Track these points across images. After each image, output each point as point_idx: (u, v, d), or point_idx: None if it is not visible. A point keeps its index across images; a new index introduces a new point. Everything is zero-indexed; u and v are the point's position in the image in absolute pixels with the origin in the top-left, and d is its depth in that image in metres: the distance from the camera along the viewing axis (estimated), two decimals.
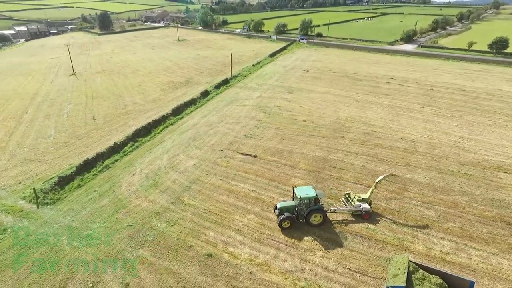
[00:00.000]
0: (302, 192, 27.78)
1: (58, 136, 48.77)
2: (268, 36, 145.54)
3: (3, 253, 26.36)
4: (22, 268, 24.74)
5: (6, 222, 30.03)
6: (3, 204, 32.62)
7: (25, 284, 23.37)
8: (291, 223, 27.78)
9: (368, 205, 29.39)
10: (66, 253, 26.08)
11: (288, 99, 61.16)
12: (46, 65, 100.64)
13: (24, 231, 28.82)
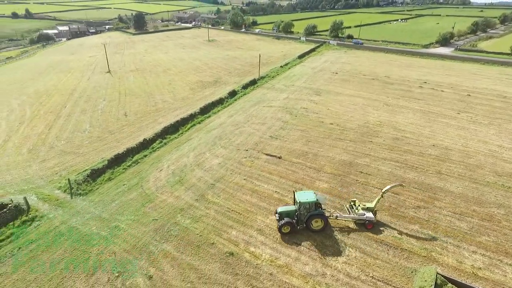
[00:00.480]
0: (302, 197, 27.08)
1: (92, 130, 51.18)
2: (297, 38, 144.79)
3: (40, 238, 28.06)
4: (56, 254, 26.20)
5: (43, 209, 31.92)
6: (41, 192, 34.72)
7: (58, 268, 24.73)
8: (291, 229, 27.15)
9: (373, 214, 28.17)
10: (95, 242, 27.31)
11: (316, 101, 60.50)
12: (84, 63, 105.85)
13: (59, 219, 30.51)
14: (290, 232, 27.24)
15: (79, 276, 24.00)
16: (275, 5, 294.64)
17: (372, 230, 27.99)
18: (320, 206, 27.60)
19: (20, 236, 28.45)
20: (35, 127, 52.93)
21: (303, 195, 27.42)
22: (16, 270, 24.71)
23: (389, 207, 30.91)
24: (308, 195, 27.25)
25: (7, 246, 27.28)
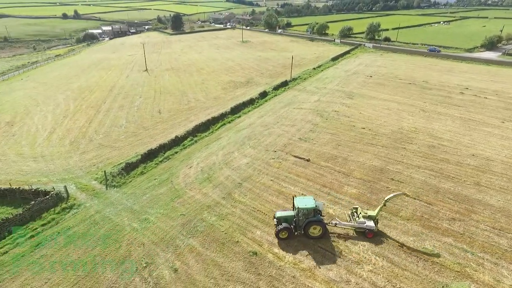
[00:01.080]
0: (301, 203, 26.44)
1: (128, 126, 53.58)
2: (331, 40, 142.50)
3: (77, 225, 29.86)
4: (90, 241, 27.74)
5: (80, 198, 33.93)
6: (79, 182, 36.92)
7: (91, 255, 26.17)
8: (289, 234, 26.67)
9: (374, 223, 27.11)
10: (126, 232, 28.58)
11: (348, 105, 59.23)
12: (124, 61, 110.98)
13: (94, 208, 32.28)
14: (288, 237, 26.78)
15: (110, 264, 25.24)
16: (311, 6, 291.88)
17: (402, 241, 26.92)
18: (320, 212, 27.01)
19: (59, 222, 30.45)
20: (77, 120, 56.35)
21: (302, 200, 26.84)
22: (55, 254, 26.45)
23: (421, 217, 29.60)
24: (307, 201, 26.64)
25: (48, 230, 29.29)
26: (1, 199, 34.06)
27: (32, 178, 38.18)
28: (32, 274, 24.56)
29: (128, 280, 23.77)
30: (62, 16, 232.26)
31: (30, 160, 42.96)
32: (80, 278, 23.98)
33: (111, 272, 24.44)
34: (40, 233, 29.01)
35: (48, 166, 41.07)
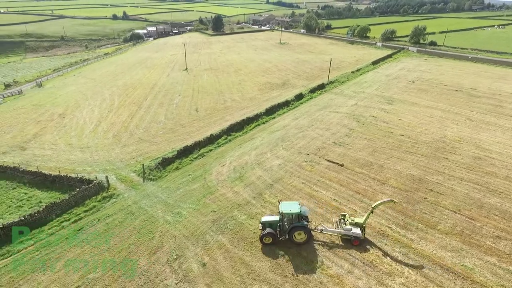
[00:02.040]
0: (285, 208, 25.93)
1: (167, 122, 55.75)
2: (373, 43, 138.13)
3: (115, 214, 31.63)
4: (126, 230, 29.26)
5: (119, 189, 35.89)
6: (119, 173, 39.06)
7: (127, 243, 27.59)
8: (273, 240, 26.16)
9: (361, 230, 26.15)
10: (160, 224, 29.77)
11: (387, 110, 57.11)
12: (166, 60, 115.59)
13: (131, 199, 33.98)
14: (272, 243, 26.33)
15: (143, 253, 26.44)
16: (352, 8, 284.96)
17: (439, 256, 25.48)
18: (306, 218, 26.54)
19: (100, 209, 32.45)
20: (120, 115, 59.64)
21: (287, 206, 26.29)
22: (94, 239, 28.23)
23: (462, 232, 27.82)
24: (292, 206, 26.10)
25: (89, 217, 31.34)
26: (51, 185, 37.04)
27: (78, 167, 41.03)
28: (74, 255, 26.40)
29: (159, 270, 24.75)
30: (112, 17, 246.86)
31: (77, 150, 46.18)
32: (115, 264, 25.37)
33: (144, 261, 25.60)
34: (83, 218, 31.11)
35: (93, 157, 43.89)
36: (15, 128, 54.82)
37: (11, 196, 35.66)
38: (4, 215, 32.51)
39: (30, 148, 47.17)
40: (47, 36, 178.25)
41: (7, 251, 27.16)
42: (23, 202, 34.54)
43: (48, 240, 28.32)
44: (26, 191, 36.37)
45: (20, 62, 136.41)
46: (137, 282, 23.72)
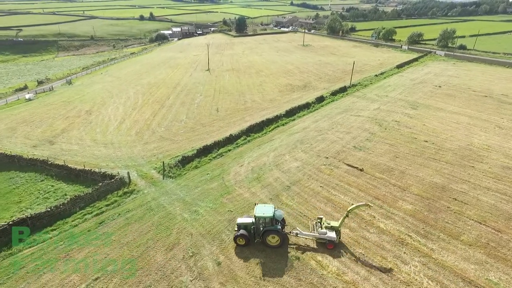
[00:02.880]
0: (259, 211, 26.02)
1: (188, 121, 56.70)
2: (398, 46, 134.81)
3: (134, 209, 32.49)
4: (145, 225, 29.98)
5: (140, 185, 36.83)
6: (140, 170, 40.09)
7: (145, 238, 28.26)
8: (246, 241, 26.37)
9: (336, 234, 26.02)
10: (177, 221, 30.30)
11: (410, 115, 55.54)
12: (189, 60, 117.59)
13: (151, 195, 34.79)
14: (246, 244, 26.51)
15: (160, 249, 27.00)
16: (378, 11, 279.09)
17: (461, 268, 24.50)
18: (282, 222, 26.80)
19: (120, 204, 33.43)
20: (143, 113, 61.21)
21: (262, 208, 26.33)
22: (114, 233, 29.11)
23: (487, 244, 26.62)
24: (266, 210, 26.13)
25: (110, 211, 32.34)
26: (76, 178, 38.55)
27: (101, 162, 42.46)
28: (95, 247, 27.34)
29: (175, 266, 25.19)
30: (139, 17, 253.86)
31: (101, 146, 47.81)
32: (133, 258, 26.04)
33: (161, 256, 26.13)
34: (104, 212, 32.15)
35: (116, 153, 45.29)
36: (45, 123, 57.43)
37: (39, 188, 37.40)
38: (32, 206, 34.12)
39: (58, 143, 49.27)
40: (78, 36, 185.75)
41: (33, 239, 28.48)
42: (50, 194, 36.15)
43: (71, 232, 29.47)
44: (53, 184, 38.04)
45: (52, 60, 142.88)
46: (153, 277, 24.25)
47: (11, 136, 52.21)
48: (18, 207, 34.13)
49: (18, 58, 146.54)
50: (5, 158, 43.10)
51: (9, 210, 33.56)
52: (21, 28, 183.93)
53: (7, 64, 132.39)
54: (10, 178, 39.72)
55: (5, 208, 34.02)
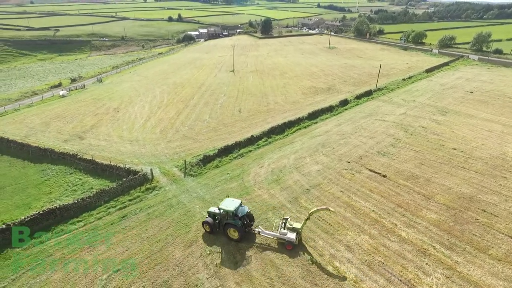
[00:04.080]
0: (224, 204, 27.34)
1: (210, 121, 57.51)
2: (428, 49, 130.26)
3: (155, 205, 33.34)
4: (165, 221, 30.68)
5: (162, 182, 37.75)
6: (163, 167, 41.08)
7: (164, 234, 28.93)
8: (211, 229, 28.18)
9: (296, 236, 26.23)
10: (196, 219, 30.77)
11: (438, 121, 53.50)
12: (214, 61, 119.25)
13: (172, 193, 35.56)
14: (210, 232, 28.38)
15: (178, 245, 27.53)
16: (408, 13, 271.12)
17: (488, 283, 23.29)
18: (248, 218, 27.76)
19: (143, 199, 34.42)
20: (168, 112, 62.72)
21: (228, 202, 27.55)
22: (136, 227, 30.01)
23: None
24: (231, 204, 27.17)
25: (133, 206, 33.37)
26: (102, 173, 40.10)
27: (126, 158, 43.90)
28: (117, 240, 28.29)
29: (192, 263, 25.60)
30: (168, 19, 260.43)
31: (127, 142, 49.43)
32: (153, 253, 26.73)
33: (179, 252, 26.65)
34: (127, 207, 33.22)
35: (140, 150, 46.68)
36: (76, 119, 60.13)
37: (68, 181, 39.22)
38: (61, 197, 35.83)
39: (87, 138, 51.44)
40: (110, 36, 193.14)
41: (61, 230, 29.87)
42: (78, 186, 37.82)
43: (96, 224, 30.67)
44: (80, 177, 39.78)
45: (85, 59, 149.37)
46: (171, 272, 24.76)
47: (45, 130, 55.06)
48: (49, 197, 35.94)
49: (54, 56, 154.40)
50: (39, 151, 45.51)
51: (40, 200, 35.41)
52: (58, 29, 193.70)
53: (44, 62, 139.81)
54: (42, 170, 41.92)
55: (37, 198, 35.94)
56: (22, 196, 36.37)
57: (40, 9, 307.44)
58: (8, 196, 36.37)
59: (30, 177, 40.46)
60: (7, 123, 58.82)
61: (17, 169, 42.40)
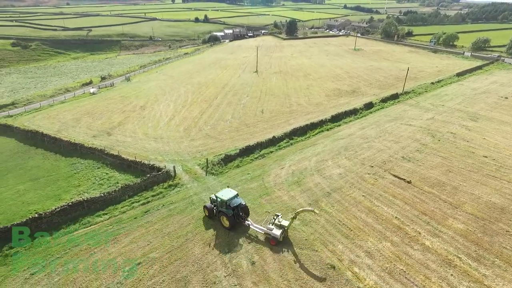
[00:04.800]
0: (221, 193, 29.57)
1: (233, 121, 58.03)
2: (460, 52, 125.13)
3: (177, 202, 34.08)
4: (186, 218, 31.32)
5: (184, 179, 38.51)
6: (185, 165, 41.90)
7: (185, 230, 29.52)
8: (208, 214, 30.64)
9: (281, 233, 27.12)
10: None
11: (469, 127, 51.28)
12: (238, 62, 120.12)
13: (193, 190, 36.21)
14: (209, 216, 30.80)
15: (198, 242, 28.02)
16: (439, 14, 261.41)
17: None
18: (243, 209, 29.47)
19: (165, 196, 35.28)
20: (192, 111, 63.87)
21: (225, 191, 29.82)
22: (158, 222, 30.81)
23: None
24: (226, 193, 29.27)
25: (155, 202, 34.27)
26: (127, 168, 41.45)
27: (151, 155, 45.13)
28: (139, 234, 29.18)
29: (210, 260, 25.98)
30: (194, 20, 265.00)
31: (152, 139, 50.81)
32: (173, 248, 27.35)
33: (198, 250, 27.11)
34: (150, 202, 34.17)
35: (164, 147, 47.84)
36: (105, 116, 62.47)
37: (95, 175, 40.84)
38: (88, 190, 37.36)
39: (114, 134, 53.33)
40: (139, 36, 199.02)
41: (88, 221, 31.16)
42: (104, 181, 39.30)
43: (120, 218, 31.76)
44: (107, 172, 41.31)
45: (115, 58, 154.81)
46: (190, 269, 25.24)
47: (76, 126, 57.61)
48: (77, 190, 37.59)
49: (86, 55, 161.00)
50: (70, 145, 47.69)
51: (69, 192, 37.11)
52: (91, 29, 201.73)
53: (77, 61, 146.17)
54: (72, 163, 43.89)
55: (66, 190, 37.69)
56: (53, 188, 38.26)
57: (75, 10, 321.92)
58: (41, 187, 38.39)
59: (61, 170, 42.48)
60: (42, 118, 62.04)
61: (49, 162, 44.64)
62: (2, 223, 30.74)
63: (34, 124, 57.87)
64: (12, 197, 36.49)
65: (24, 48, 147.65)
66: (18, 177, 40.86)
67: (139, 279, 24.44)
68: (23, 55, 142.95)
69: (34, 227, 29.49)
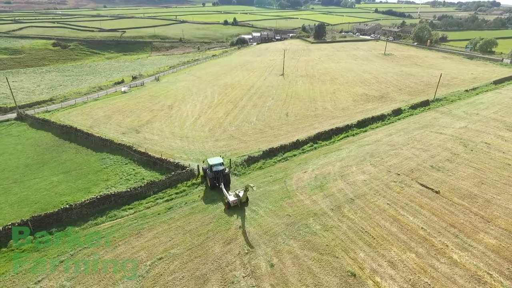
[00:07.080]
0: (212, 158, 37.67)
1: (257, 123, 58.26)
2: (498, 59, 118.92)
3: (200, 200, 34.69)
4: (207, 217, 31.76)
5: None
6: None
7: (206, 229, 29.95)
8: (204, 174, 38.15)
9: (234, 201, 32.32)
10: (236, 218, 31.34)
11: (505, 138, 48.54)
12: (265, 64, 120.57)
13: (216, 190, 36.60)
14: (204, 176, 38.16)
15: (218, 241, 28.32)
16: (477, 19, 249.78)
17: None
18: (220, 174, 35.59)
19: (188, 194, 36.00)
20: (217, 112, 64.79)
21: (215, 158, 37.55)
22: (180, 219, 31.46)
23: None
24: (214, 160, 36.82)
25: (179, 199, 35.04)
26: (153, 165, 42.66)
27: (176, 153, 46.21)
28: (162, 230, 29.92)
29: (230, 260, 26.17)
30: (223, 22, 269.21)
31: (177, 138, 52.02)
32: (194, 246, 27.81)
33: (218, 249, 27.40)
34: (173, 199, 34.96)
35: (189, 146, 48.83)
36: (134, 114, 64.69)
37: (123, 170, 42.35)
38: (116, 185, 38.79)
39: (142, 132, 55.09)
40: (169, 38, 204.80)
41: (114, 215, 32.34)
42: (131, 176, 40.66)
43: (144, 213, 32.73)
44: (134, 168, 42.72)
45: (146, 59, 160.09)
46: (209, 267, 25.55)
47: (107, 122, 60.05)
48: (106, 184, 39.14)
49: (119, 56, 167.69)
50: (101, 141, 49.78)
51: (98, 186, 38.72)
52: (125, 30, 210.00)
53: (111, 61, 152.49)
54: (102, 158, 45.77)
55: (95, 183, 39.35)
56: (84, 181, 40.07)
57: (111, 12, 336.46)
58: (72, 180, 40.33)
59: (92, 164, 44.42)
60: (76, 114, 65.22)
61: (81, 156, 46.81)
62: (37, 211, 32.61)
63: (69, 120, 60.95)
64: (46, 187, 38.58)
65: (63, 48, 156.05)
66: (52, 169, 43.17)
67: (159, 273, 25.04)
68: (62, 54, 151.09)
69: (65, 217, 31.01)
